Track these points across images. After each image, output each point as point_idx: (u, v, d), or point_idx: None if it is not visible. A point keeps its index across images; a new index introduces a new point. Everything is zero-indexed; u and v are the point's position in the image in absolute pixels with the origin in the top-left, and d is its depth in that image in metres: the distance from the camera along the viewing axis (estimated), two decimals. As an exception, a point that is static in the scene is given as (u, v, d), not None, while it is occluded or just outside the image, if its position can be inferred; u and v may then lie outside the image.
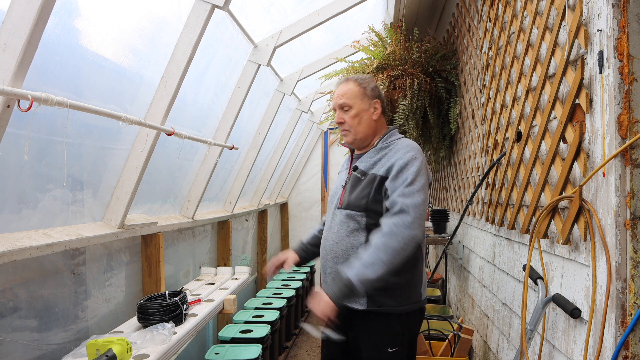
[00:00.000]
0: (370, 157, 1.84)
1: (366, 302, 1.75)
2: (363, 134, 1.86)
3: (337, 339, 1.71)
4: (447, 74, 3.36)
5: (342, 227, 1.81)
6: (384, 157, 1.80)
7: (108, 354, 1.54)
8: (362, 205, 1.76)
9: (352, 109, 1.85)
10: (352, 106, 1.85)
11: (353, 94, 1.85)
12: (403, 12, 3.69)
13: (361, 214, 1.77)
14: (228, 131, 3.06)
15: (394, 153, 1.77)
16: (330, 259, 1.83)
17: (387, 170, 1.75)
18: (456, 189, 3.54)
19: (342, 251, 1.80)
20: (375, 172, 1.78)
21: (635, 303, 1.15)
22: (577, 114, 1.43)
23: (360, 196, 1.78)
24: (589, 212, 1.30)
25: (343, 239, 1.80)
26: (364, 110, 1.85)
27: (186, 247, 3.16)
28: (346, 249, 1.79)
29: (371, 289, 1.68)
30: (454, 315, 3.45)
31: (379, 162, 1.80)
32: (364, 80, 1.89)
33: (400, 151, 1.77)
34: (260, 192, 4.81)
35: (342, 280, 1.60)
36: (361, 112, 1.85)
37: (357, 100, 1.85)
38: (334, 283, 1.69)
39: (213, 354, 2.69)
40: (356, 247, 1.77)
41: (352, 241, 1.78)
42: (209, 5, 2.13)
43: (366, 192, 1.76)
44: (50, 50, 1.61)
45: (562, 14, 1.53)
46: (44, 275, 1.80)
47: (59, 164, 1.76)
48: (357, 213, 1.78)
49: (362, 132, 1.86)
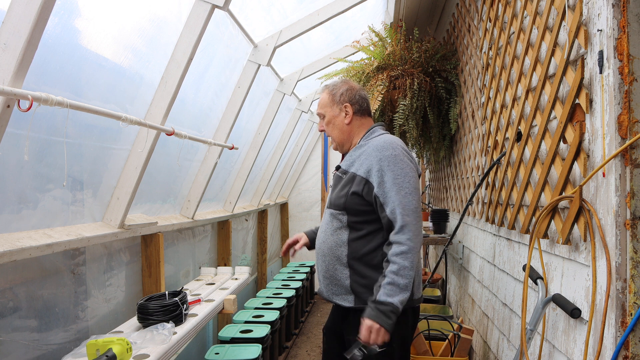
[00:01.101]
0: (350, 156, 1.88)
1: (354, 299, 1.77)
2: (339, 138, 1.94)
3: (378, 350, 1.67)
4: (447, 74, 3.36)
5: (328, 226, 1.86)
6: (361, 154, 1.82)
7: (108, 354, 1.54)
8: (342, 204, 1.80)
9: (325, 117, 1.95)
10: (325, 114, 1.95)
11: (324, 103, 1.95)
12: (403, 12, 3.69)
13: (341, 212, 1.81)
14: (228, 131, 3.06)
15: (370, 151, 1.78)
16: (320, 257, 1.88)
17: (367, 172, 1.75)
18: (456, 189, 3.54)
19: (328, 249, 1.84)
20: (354, 171, 1.80)
21: (635, 303, 1.15)
22: (577, 114, 1.43)
23: (339, 195, 1.82)
24: (589, 212, 1.30)
25: (328, 238, 1.84)
26: (334, 116, 1.93)
27: (186, 247, 3.16)
28: (331, 247, 1.83)
29: (357, 286, 1.74)
30: (454, 315, 3.45)
31: (357, 159, 1.83)
32: (335, 87, 1.95)
33: (375, 150, 1.76)
34: (260, 192, 4.81)
35: (387, 309, 1.59)
36: (332, 118, 1.93)
37: (327, 108, 1.94)
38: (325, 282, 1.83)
39: (213, 354, 2.69)
40: (339, 245, 1.81)
41: (336, 239, 1.82)
42: (209, 5, 2.13)
43: (345, 191, 1.81)
44: (50, 50, 1.61)
45: (562, 14, 1.53)
46: (44, 275, 1.80)
47: (59, 164, 1.76)
48: (338, 212, 1.82)
49: (337, 137, 1.94)
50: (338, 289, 1.82)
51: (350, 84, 1.95)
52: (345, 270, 1.79)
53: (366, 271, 1.76)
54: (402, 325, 1.78)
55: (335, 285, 1.82)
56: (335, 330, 1.94)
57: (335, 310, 1.96)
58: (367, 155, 1.78)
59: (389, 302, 1.59)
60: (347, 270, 1.79)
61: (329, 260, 1.83)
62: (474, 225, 2.88)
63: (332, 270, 1.82)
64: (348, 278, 1.78)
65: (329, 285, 1.84)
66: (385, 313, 1.58)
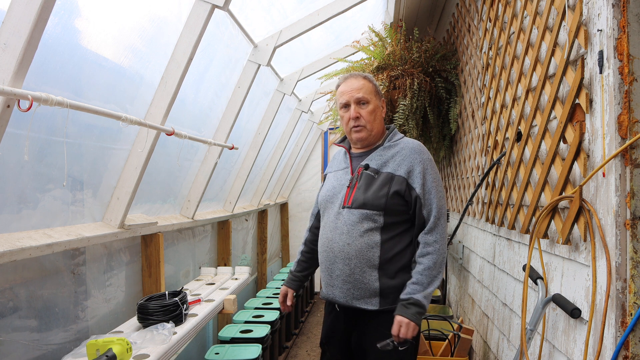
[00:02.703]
0: (381, 155, 1.84)
1: (379, 301, 1.76)
2: (377, 130, 1.87)
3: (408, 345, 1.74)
4: (447, 74, 3.36)
5: (353, 228, 1.77)
6: (396, 155, 1.81)
7: (108, 354, 1.54)
8: (382, 204, 1.75)
9: (370, 104, 1.84)
10: (370, 101, 1.84)
11: (369, 90, 1.85)
12: (403, 12, 3.69)
13: (379, 212, 1.75)
14: (228, 131, 3.06)
15: (408, 153, 1.80)
16: (341, 260, 1.78)
17: (408, 172, 1.77)
18: (456, 189, 3.54)
19: (356, 252, 1.75)
20: (392, 172, 1.78)
21: (635, 303, 1.15)
22: (577, 114, 1.43)
23: (378, 195, 1.75)
24: (589, 212, 1.30)
25: (356, 240, 1.76)
26: (378, 107, 1.88)
27: (186, 247, 3.16)
28: (360, 250, 1.75)
29: (386, 287, 1.75)
30: (454, 315, 3.45)
31: (392, 160, 1.81)
32: (372, 78, 1.91)
33: (414, 152, 1.81)
34: (260, 192, 4.81)
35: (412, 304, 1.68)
36: (376, 108, 1.87)
37: (373, 96, 1.86)
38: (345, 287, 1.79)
39: (213, 354, 2.69)
40: (371, 246, 1.75)
41: (367, 241, 1.75)
42: (209, 5, 2.13)
43: (384, 191, 1.75)
44: (50, 50, 1.61)
45: (562, 14, 1.53)
46: (44, 275, 1.80)
47: (59, 164, 1.76)
48: (374, 212, 1.75)
49: (376, 128, 1.86)
50: (362, 292, 1.76)
51: None
52: (374, 272, 1.75)
53: (396, 272, 1.75)
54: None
55: (359, 289, 1.76)
56: (338, 337, 1.90)
57: (342, 315, 1.87)
58: (405, 157, 1.79)
59: (411, 298, 1.68)
60: (377, 272, 1.75)
61: (355, 263, 1.75)
62: (474, 225, 2.88)
63: (358, 274, 1.75)
64: (377, 280, 1.75)
65: (351, 290, 1.77)
66: (411, 309, 1.67)
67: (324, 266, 1.87)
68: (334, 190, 1.88)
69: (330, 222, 1.84)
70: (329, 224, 1.85)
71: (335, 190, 1.88)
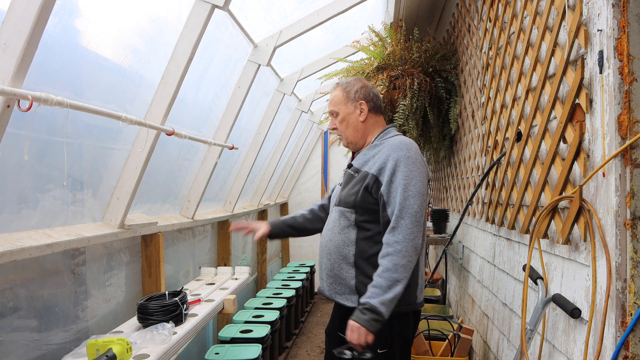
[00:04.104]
0: (364, 155, 1.87)
1: (357, 300, 1.74)
2: (352, 137, 1.91)
3: (369, 357, 1.67)
4: (447, 74, 3.36)
5: (335, 224, 1.85)
6: (376, 154, 1.81)
7: (108, 354, 1.54)
8: (351, 202, 1.79)
9: (339, 115, 1.90)
10: (339, 112, 1.91)
11: (337, 100, 1.91)
12: (403, 12, 3.69)
13: (350, 210, 1.80)
14: (228, 131, 3.06)
15: (386, 150, 1.77)
16: (325, 255, 1.87)
17: (379, 170, 1.75)
18: (456, 189, 3.54)
19: (334, 248, 1.82)
20: (367, 170, 1.80)
21: (635, 303, 1.15)
22: (577, 114, 1.43)
23: (350, 193, 1.81)
24: (589, 212, 1.30)
25: (335, 236, 1.83)
26: (348, 114, 1.89)
27: (186, 247, 3.16)
28: (337, 246, 1.81)
29: (362, 286, 1.73)
30: (454, 315, 3.45)
31: (372, 159, 1.82)
32: (349, 84, 1.91)
33: (391, 149, 1.76)
34: (260, 192, 4.81)
35: (367, 310, 1.61)
36: (346, 116, 1.89)
37: (342, 105, 1.90)
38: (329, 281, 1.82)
39: (213, 354, 2.69)
40: (346, 244, 1.79)
41: (343, 238, 1.81)
42: (209, 5, 2.13)
43: (356, 189, 1.79)
44: (50, 50, 1.61)
45: (562, 14, 1.53)
46: (44, 275, 1.80)
47: (59, 164, 1.76)
48: (347, 209, 1.81)
49: (351, 135, 1.91)
50: (342, 288, 1.80)
51: (364, 82, 1.94)
52: (351, 269, 1.78)
53: (372, 272, 1.73)
54: (403, 328, 1.79)
55: (340, 284, 1.81)
56: (336, 329, 1.93)
57: (337, 310, 1.95)
58: (382, 154, 1.78)
59: (367, 303, 1.61)
60: (353, 270, 1.77)
61: (334, 258, 1.81)
62: (474, 225, 2.88)
63: (337, 269, 1.80)
64: (354, 278, 1.77)
65: (333, 284, 1.83)
66: (366, 314, 1.60)
67: (317, 260, 1.93)
68: (335, 189, 2.00)
69: (327, 219, 1.96)
70: (327, 221, 1.97)
71: (336, 190, 1.99)
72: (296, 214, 2.17)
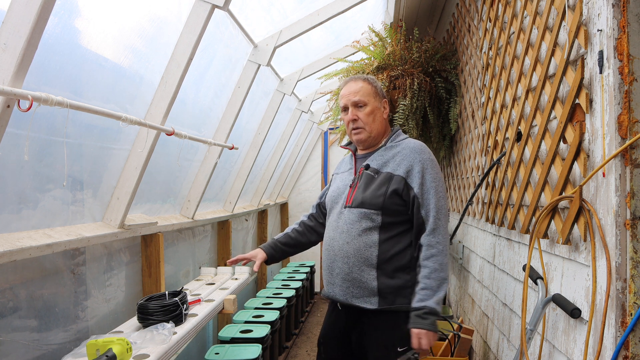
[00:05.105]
0: (382, 156, 1.86)
1: (377, 301, 1.75)
2: (377, 131, 1.89)
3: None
4: (447, 74, 3.36)
5: (352, 227, 1.80)
6: (396, 155, 1.82)
7: (108, 354, 1.54)
8: (379, 204, 1.77)
9: (367, 106, 1.87)
10: (367, 103, 1.87)
11: (367, 92, 1.87)
12: (403, 12, 3.69)
13: (377, 212, 1.77)
14: (228, 131, 3.06)
15: (408, 153, 1.80)
16: (340, 259, 1.81)
17: (407, 172, 1.77)
18: (456, 189, 3.54)
19: (354, 251, 1.78)
20: (391, 171, 1.79)
21: (635, 303, 1.15)
22: (577, 114, 1.43)
23: (376, 194, 1.78)
24: (589, 212, 1.30)
25: (354, 239, 1.79)
26: (377, 108, 1.89)
27: (186, 247, 3.16)
28: (358, 249, 1.78)
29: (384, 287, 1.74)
30: (454, 315, 3.45)
31: (392, 160, 1.82)
32: (373, 80, 1.92)
33: (414, 152, 1.80)
34: (260, 192, 4.81)
35: (427, 313, 1.66)
36: (375, 110, 1.88)
37: (371, 98, 1.88)
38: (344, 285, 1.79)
39: (213, 354, 2.69)
40: (369, 245, 1.77)
41: (365, 240, 1.77)
42: (209, 5, 2.13)
43: (382, 190, 1.77)
44: (50, 50, 1.61)
45: (562, 14, 1.53)
46: (44, 275, 1.80)
47: (59, 164, 1.76)
48: (372, 211, 1.78)
49: (376, 129, 1.89)
50: (360, 291, 1.77)
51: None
52: (372, 271, 1.76)
53: (394, 272, 1.75)
54: None
55: (358, 287, 1.78)
56: (337, 336, 1.91)
57: (344, 314, 1.88)
58: (404, 157, 1.80)
59: (425, 306, 1.66)
60: (375, 271, 1.76)
61: (353, 262, 1.78)
62: (474, 225, 2.88)
63: (356, 273, 1.77)
64: (375, 279, 1.75)
65: (350, 288, 1.79)
66: (427, 318, 1.65)
67: (325, 264, 1.91)
68: (339, 190, 1.94)
69: (333, 221, 1.89)
70: (332, 223, 1.90)
71: (340, 191, 1.93)
72: (288, 229, 2.14)
